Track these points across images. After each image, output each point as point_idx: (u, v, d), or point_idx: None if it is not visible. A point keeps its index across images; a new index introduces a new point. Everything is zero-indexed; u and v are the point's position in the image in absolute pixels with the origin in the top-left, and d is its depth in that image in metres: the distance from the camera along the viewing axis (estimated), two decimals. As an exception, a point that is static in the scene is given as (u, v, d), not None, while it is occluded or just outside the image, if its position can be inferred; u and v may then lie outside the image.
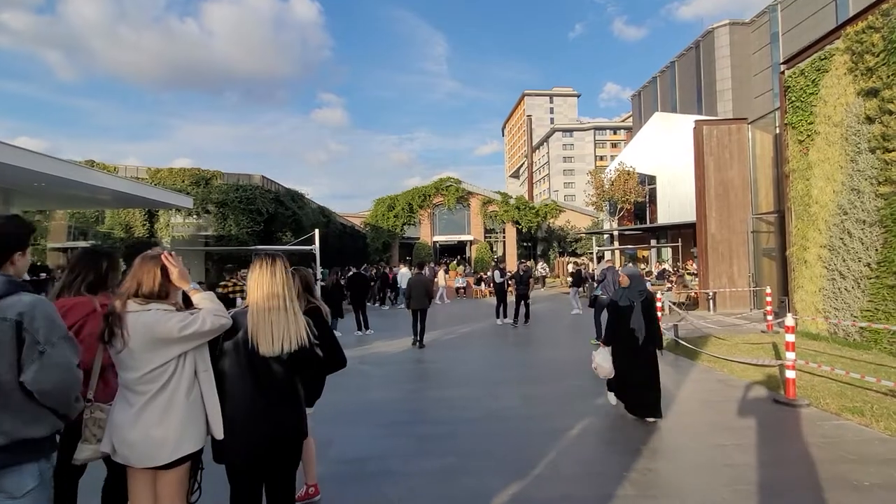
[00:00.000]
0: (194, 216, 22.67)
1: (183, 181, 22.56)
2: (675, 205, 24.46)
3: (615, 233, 28.28)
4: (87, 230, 22.65)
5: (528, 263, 29.78)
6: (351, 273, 12.78)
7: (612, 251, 28.83)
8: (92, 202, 16.95)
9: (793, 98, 9.49)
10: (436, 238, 33.99)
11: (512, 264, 31.77)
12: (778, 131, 12.58)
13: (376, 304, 17.57)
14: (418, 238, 33.56)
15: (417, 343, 9.12)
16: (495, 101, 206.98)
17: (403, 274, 17.02)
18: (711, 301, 13.25)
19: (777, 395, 5.29)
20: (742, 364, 6.66)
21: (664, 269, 21.60)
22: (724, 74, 47.86)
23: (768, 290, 10.39)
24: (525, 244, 36.96)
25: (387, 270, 18.93)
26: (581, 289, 20.18)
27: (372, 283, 22.65)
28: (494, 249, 34.44)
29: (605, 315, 8.89)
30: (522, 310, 11.63)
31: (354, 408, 5.29)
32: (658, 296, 10.04)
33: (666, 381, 6.01)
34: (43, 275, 14.25)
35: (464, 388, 6.09)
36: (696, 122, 14.24)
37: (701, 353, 7.19)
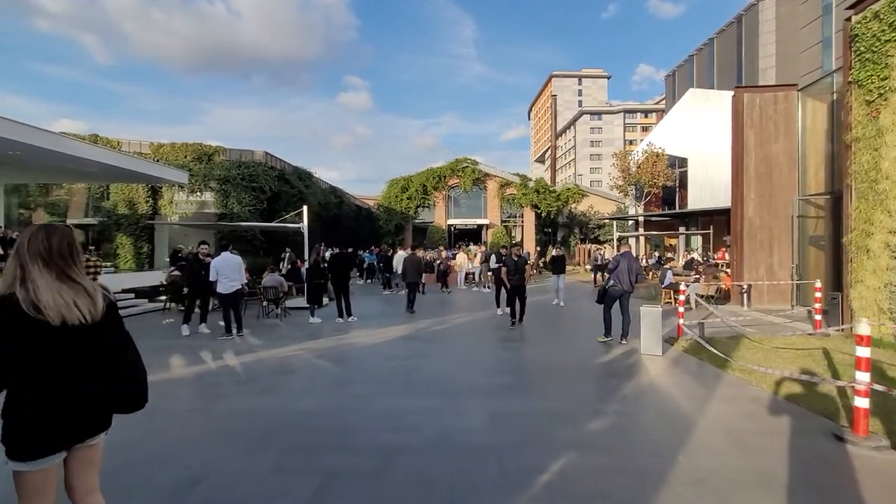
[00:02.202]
0: (198, 193, 22.05)
1: (185, 157, 21.88)
2: (707, 189, 22.38)
3: (640, 219, 26.31)
4: (100, 207, 22.35)
5: (526, 250, 28.16)
6: (329, 252, 11.56)
7: (637, 238, 26.90)
8: (79, 175, 16.33)
9: (861, 49, 7.68)
10: (451, 221, 32.67)
11: (531, 250, 30.25)
12: (835, 97, 10.66)
13: (385, 290, 16.52)
14: (432, 221, 32.31)
15: (409, 310, 11.25)
16: (523, 85, 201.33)
17: (400, 257, 15.86)
18: (745, 295, 11.59)
19: (838, 428, 3.87)
20: (788, 380, 5.20)
21: (692, 258, 19.75)
22: (768, 51, 44.01)
23: (818, 285, 8.74)
24: (545, 230, 35.20)
25: (389, 253, 17.74)
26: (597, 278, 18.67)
27: (368, 266, 21.79)
28: (513, 234, 32.90)
29: (617, 310, 7.69)
30: (519, 307, 9.30)
31: (268, 420, 4.16)
32: (682, 287, 8.55)
33: (682, 396, 4.66)
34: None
35: (423, 396, 4.87)
36: (736, 89, 12.35)
37: (731, 359, 5.75)
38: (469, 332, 8.78)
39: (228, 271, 8.20)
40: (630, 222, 28.56)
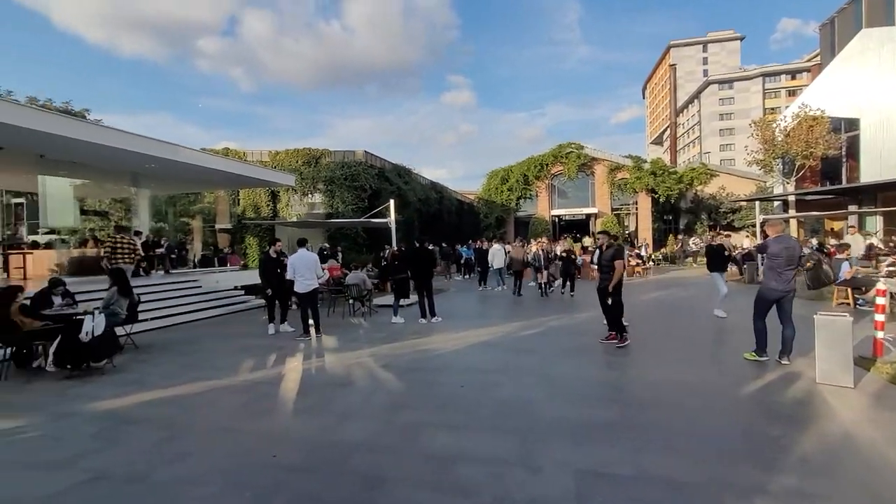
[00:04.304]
0: (309, 195, 23.40)
1: (297, 161, 23.25)
2: (888, 157, 17.36)
3: (791, 198, 21.52)
4: (232, 213, 24.96)
5: (644, 240, 24.71)
6: (402, 248, 10.71)
7: (786, 221, 22.07)
8: (208, 184, 18.14)
9: None
10: (554, 212, 30.56)
11: (645, 238, 26.85)
12: None
13: (479, 287, 15.39)
14: (534, 213, 30.51)
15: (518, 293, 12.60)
16: (635, 62, 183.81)
17: (496, 251, 14.68)
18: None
19: None
20: None
21: (871, 243, 15.35)
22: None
23: None
24: (665, 217, 31.11)
25: (483, 246, 16.60)
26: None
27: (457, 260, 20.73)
28: (625, 224, 29.65)
29: (773, 317, 5.58)
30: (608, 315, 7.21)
31: (294, 455, 3.36)
32: (882, 285, 6.04)
33: (879, 462, 2.81)
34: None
35: (489, 433, 3.70)
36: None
37: None
38: (565, 341, 7.32)
39: (304, 269, 7.89)
40: (776, 203, 23.64)
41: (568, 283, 12.67)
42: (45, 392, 5.27)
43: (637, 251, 20.69)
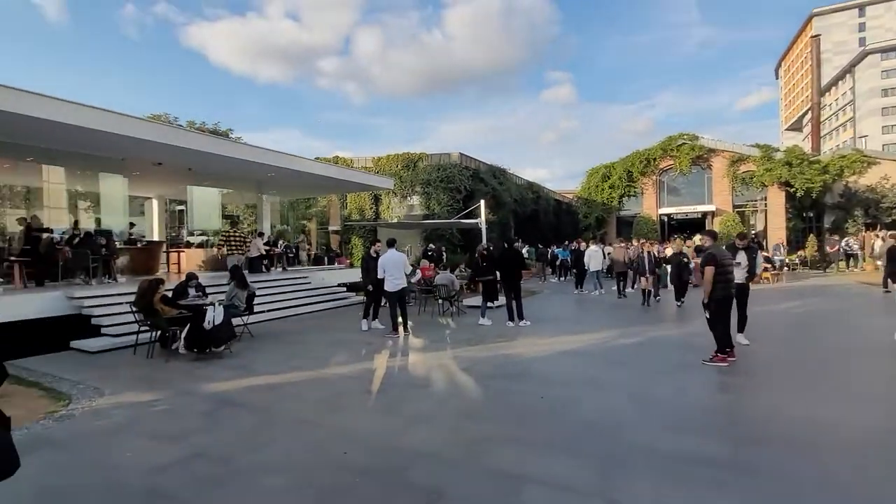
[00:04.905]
0: (408, 197, 24.44)
1: (397, 165, 24.37)
2: None
3: None
4: (342, 215, 27.08)
5: (777, 241, 21.29)
6: (488, 248, 10.40)
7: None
8: (318, 189, 19.87)
9: None
10: (663, 210, 27.99)
11: (777, 238, 23.24)
12: None
13: (575, 290, 14.60)
14: (639, 211, 28.22)
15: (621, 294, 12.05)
16: (766, 39, 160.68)
17: (593, 252, 13.79)
18: None
19: None
20: None
21: None
22: None
23: None
24: (804, 214, 26.64)
25: (580, 247, 15.67)
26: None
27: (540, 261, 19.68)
28: (751, 223, 26.07)
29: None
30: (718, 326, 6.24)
31: (361, 458, 3.40)
32: None
33: None
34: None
35: (564, 456, 3.37)
36: None
37: None
38: (668, 356, 6.56)
39: (393, 268, 8.15)
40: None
41: (679, 290, 11.29)
42: (177, 371, 6.12)
43: (766, 254, 17.96)
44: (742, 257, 6.56)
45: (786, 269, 18.85)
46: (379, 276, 8.27)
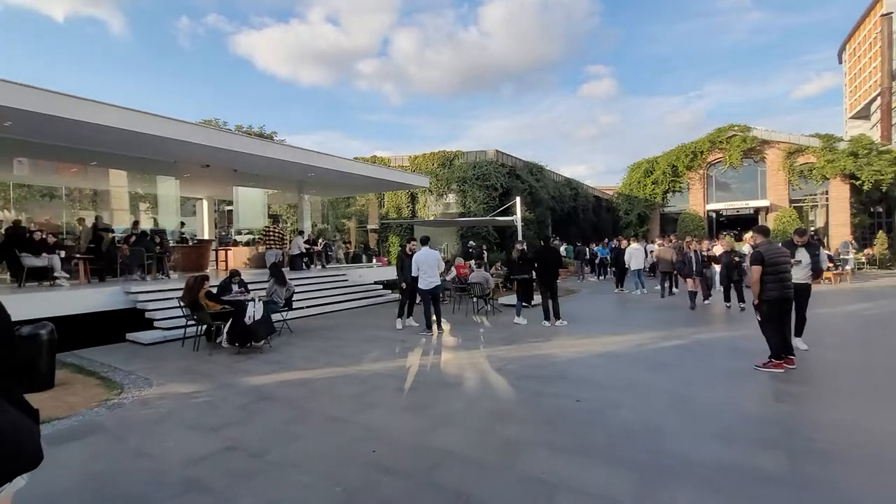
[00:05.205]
0: (444, 195, 24.49)
1: (433, 164, 24.45)
2: None
3: None
4: (380, 214, 27.50)
5: (845, 239, 19.57)
6: (523, 246, 10.07)
7: None
8: (356, 188, 20.19)
9: None
10: (711, 206, 26.61)
11: (842, 235, 21.54)
12: None
13: (616, 289, 14.01)
14: (685, 208, 26.95)
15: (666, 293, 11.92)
16: (826, 20, 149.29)
17: (634, 250, 13.26)
18: None
19: None
20: None
21: None
22: None
23: None
24: (871, 209, 24.58)
25: (621, 244, 15.07)
26: None
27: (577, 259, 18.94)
28: (810, 219, 24.33)
29: None
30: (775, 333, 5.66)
31: (389, 458, 3.34)
32: None
33: None
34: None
35: (600, 463, 3.19)
36: None
37: None
38: (716, 360, 6.17)
39: (427, 267, 8.13)
40: None
41: (733, 292, 10.21)
42: (219, 364, 6.36)
43: (828, 252, 16.65)
44: (803, 255, 6.03)
45: (850, 268, 17.41)
46: (413, 275, 8.27)
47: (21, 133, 8.44)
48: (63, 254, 9.47)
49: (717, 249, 11.50)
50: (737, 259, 10.28)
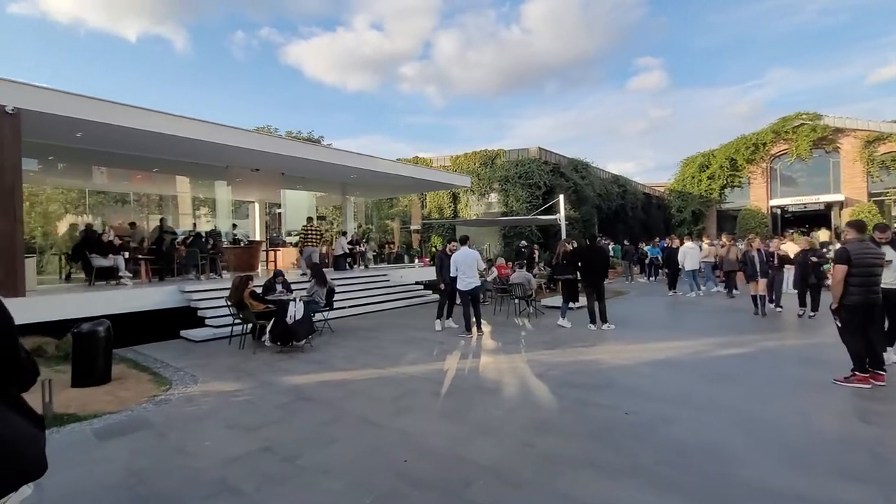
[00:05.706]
0: (486, 195, 24.23)
1: (474, 163, 24.27)
2: None
3: None
4: (422, 214, 27.64)
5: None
6: (566, 245, 9.58)
7: None
8: (398, 188, 20.37)
9: None
10: (774, 202, 24.70)
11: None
12: None
13: (669, 292, 13.13)
14: (745, 204, 25.15)
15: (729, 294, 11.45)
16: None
17: (688, 249, 12.44)
18: None
19: None
20: None
21: None
22: None
23: None
24: (967, 203, 21.96)
25: (673, 244, 14.16)
26: None
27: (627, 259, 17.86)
28: (893, 214, 21.98)
29: None
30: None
31: (421, 472, 3.19)
32: None
33: None
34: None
35: (648, 484, 2.86)
36: None
37: None
38: (788, 372, 5.58)
39: (466, 267, 7.95)
40: None
41: (808, 297, 8.91)
42: (261, 362, 6.49)
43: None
44: (891, 254, 5.27)
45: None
46: (451, 275, 8.13)
47: (92, 143, 9.12)
48: (127, 255, 10.12)
49: (789, 248, 10.38)
50: (814, 259, 9.09)
